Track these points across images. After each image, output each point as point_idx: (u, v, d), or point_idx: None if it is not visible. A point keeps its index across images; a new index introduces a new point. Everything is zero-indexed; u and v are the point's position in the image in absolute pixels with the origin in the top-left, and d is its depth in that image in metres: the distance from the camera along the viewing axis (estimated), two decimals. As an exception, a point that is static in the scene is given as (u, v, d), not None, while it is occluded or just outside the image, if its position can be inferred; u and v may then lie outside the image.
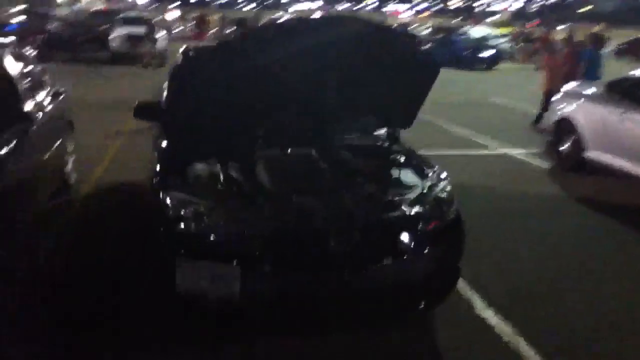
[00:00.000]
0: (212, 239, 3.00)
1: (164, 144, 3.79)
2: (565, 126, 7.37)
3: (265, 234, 3.03)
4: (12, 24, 20.95)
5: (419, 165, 3.83)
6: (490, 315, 3.69)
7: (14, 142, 4.03)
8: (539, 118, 9.86)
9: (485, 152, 8.56)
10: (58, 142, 5.41)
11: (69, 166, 5.83)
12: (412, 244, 3.19)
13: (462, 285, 4.00)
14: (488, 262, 4.52)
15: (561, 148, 7.47)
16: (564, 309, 3.83)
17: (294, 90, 3.81)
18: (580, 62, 9.74)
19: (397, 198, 3.43)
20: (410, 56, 3.75)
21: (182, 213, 3.07)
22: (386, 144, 4.12)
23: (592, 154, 6.87)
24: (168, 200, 3.14)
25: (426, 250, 3.24)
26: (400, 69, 3.76)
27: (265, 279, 2.96)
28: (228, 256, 2.94)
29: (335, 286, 3.01)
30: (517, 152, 8.41)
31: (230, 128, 3.75)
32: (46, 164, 4.94)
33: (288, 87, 3.79)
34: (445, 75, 19.78)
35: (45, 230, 4.70)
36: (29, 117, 4.47)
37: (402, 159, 3.92)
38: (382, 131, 4.24)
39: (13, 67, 4.73)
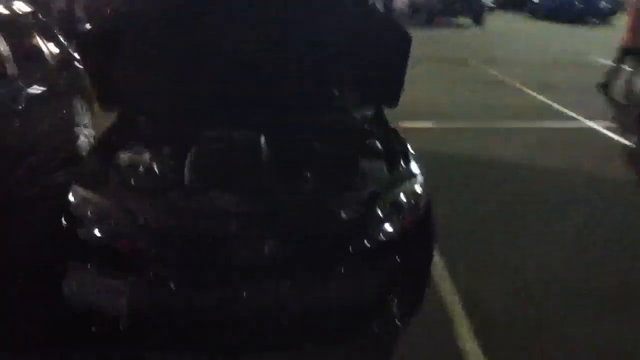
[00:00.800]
0: (101, 244, 2.59)
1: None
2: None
3: (162, 241, 2.56)
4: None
5: (392, 155, 3.09)
6: (472, 349, 2.95)
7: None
8: (606, 83, 8.62)
9: (566, 124, 7.36)
10: (60, 115, 5.24)
11: (82, 139, 5.65)
12: (352, 255, 2.60)
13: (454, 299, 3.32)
14: (506, 271, 3.71)
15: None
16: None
17: (240, 59, 3.20)
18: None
19: (345, 197, 2.77)
20: (373, 22, 3.08)
21: (79, 212, 2.68)
22: (360, 127, 3.40)
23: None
24: (70, 196, 2.74)
25: (373, 263, 2.62)
26: (363, 36, 3.12)
27: (156, 293, 2.50)
28: (116, 266, 2.53)
29: (240, 303, 2.50)
30: (603, 125, 7.14)
31: (162, 106, 3.27)
32: (33, 138, 4.74)
33: (234, 54, 3.19)
34: (548, 30, 17.97)
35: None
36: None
37: (373, 147, 3.20)
38: (364, 111, 3.50)
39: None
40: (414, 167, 3.00)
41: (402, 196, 2.79)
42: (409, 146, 3.22)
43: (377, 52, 3.17)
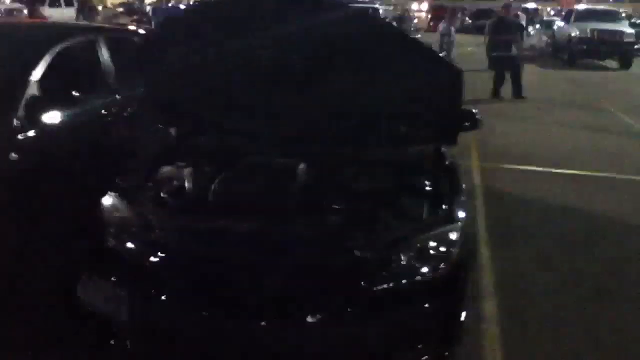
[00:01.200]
0: (114, 254, 2.61)
1: None
2: None
3: (171, 260, 2.52)
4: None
5: (436, 198, 2.81)
6: None
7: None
8: None
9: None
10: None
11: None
12: (362, 299, 2.37)
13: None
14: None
15: None
16: None
17: (292, 92, 3.11)
18: None
19: (366, 236, 2.55)
20: (421, 58, 2.93)
21: (106, 219, 2.72)
22: (409, 164, 3.17)
23: None
24: (103, 201, 2.81)
25: (385, 312, 2.36)
26: (412, 71, 2.93)
27: (155, 309, 2.44)
28: (121, 277, 2.52)
29: (240, 336, 2.37)
30: None
31: (209, 125, 3.29)
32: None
33: (288, 84, 3.11)
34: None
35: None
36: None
37: (418, 186, 2.97)
38: (417, 148, 3.26)
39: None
40: (459, 212, 2.69)
41: (432, 242, 2.51)
42: (462, 189, 2.91)
43: (426, 88, 2.95)
